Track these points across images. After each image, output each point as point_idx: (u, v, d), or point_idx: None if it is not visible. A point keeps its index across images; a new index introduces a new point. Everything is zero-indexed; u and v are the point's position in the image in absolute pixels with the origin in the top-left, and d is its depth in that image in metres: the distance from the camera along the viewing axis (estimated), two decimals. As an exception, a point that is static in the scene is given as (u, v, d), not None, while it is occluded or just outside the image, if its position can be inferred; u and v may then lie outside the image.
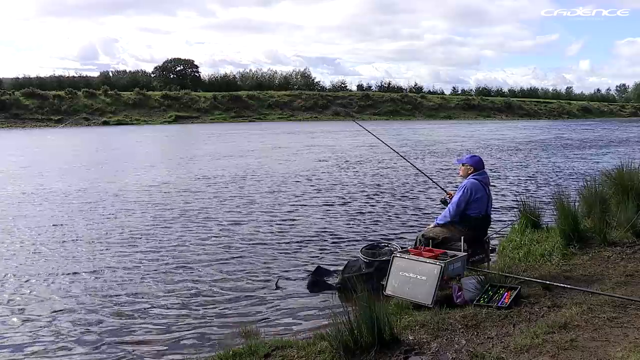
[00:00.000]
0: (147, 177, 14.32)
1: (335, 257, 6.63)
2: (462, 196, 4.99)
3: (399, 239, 7.10)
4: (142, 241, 7.53)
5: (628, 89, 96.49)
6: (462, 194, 4.99)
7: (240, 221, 8.76)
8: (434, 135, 32.75)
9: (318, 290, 5.43)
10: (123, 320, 4.79)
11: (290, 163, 17.55)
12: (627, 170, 7.21)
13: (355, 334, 3.38)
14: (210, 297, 5.33)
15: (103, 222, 8.79)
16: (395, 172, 14.94)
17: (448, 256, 4.63)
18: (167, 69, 73.05)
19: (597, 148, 23.41)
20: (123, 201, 10.70)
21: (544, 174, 14.35)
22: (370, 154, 20.58)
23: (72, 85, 58.91)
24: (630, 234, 5.85)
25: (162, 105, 58.16)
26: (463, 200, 4.98)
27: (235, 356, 3.66)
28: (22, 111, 50.99)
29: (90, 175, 14.83)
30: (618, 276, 4.73)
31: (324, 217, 9.03)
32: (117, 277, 5.96)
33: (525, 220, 6.79)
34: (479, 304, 4.16)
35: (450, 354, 3.33)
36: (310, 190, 11.94)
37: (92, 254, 6.90)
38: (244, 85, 73.07)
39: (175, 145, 28.43)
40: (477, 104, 73.37)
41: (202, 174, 14.85)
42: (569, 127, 45.28)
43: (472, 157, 5.25)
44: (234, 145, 25.14)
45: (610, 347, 3.24)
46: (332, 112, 63.79)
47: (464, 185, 5.05)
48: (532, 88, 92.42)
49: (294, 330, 4.47)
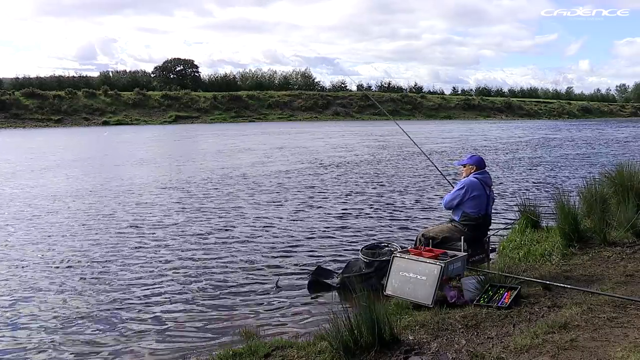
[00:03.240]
0: (142, 176, 14.32)
1: (335, 257, 6.63)
2: (457, 193, 5.06)
3: (399, 239, 7.10)
4: (142, 241, 7.53)
5: (628, 89, 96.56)
6: (458, 191, 5.06)
7: (240, 221, 8.76)
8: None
9: (318, 290, 5.43)
10: (122, 320, 4.78)
11: (289, 163, 17.55)
12: (627, 170, 7.21)
13: (355, 334, 3.38)
14: (210, 297, 5.33)
15: (100, 221, 8.79)
16: (395, 173, 14.94)
17: (448, 256, 4.62)
18: (167, 69, 73.08)
19: (597, 148, 23.41)
20: (123, 201, 10.70)
21: (544, 174, 14.35)
22: (371, 154, 20.58)
23: (72, 85, 58.94)
24: (630, 234, 5.85)
25: (162, 105, 58.19)
26: (458, 197, 5.04)
27: (235, 356, 3.65)
28: (22, 111, 51.03)
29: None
30: (618, 276, 4.73)
31: (324, 217, 9.03)
32: (117, 277, 5.96)
33: (525, 220, 6.79)
34: (479, 304, 4.16)
35: (450, 354, 3.33)
36: (310, 190, 11.94)
37: (87, 256, 6.90)
38: (244, 85, 73.14)
39: (174, 145, 28.43)
40: (477, 104, 73.42)
41: (201, 173, 14.85)
42: (569, 127, 45.27)
43: (472, 157, 5.26)
44: (234, 145, 25.13)
45: (610, 347, 3.24)
46: (332, 112, 63.81)
47: (462, 183, 5.10)
48: (532, 88, 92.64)
49: (294, 330, 4.46)
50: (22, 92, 53.50)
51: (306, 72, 79.15)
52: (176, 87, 62.69)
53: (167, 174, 14.97)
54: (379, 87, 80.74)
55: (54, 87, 58.66)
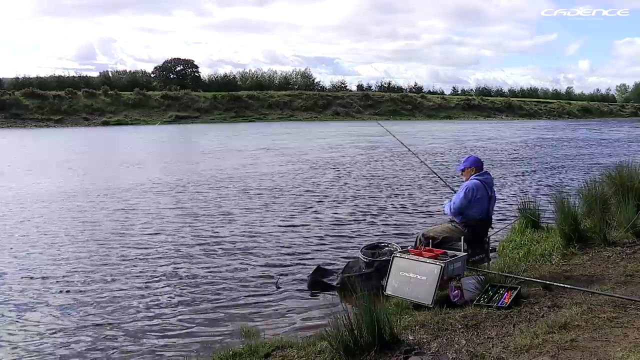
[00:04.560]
0: (140, 176, 14.32)
1: (335, 257, 6.63)
2: (463, 197, 5.00)
3: (399, 239, 7.09)
4: (141, 241, 7.53)
5: (628, 89, 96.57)
6: (464, 195, 5.01)
7: (239, 221, 8.75)
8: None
9: (318, 290, 5.43)
10: (121, 321, 4.78)
11: (289, 163, 17.54)
12: (627, 170, 7.21)
13: (355, 334, 3.38)
14: (211, 297, 5.33)
15: (98, 221, 8.80)
16: (395, 172, 14.93)
17: (448, 256, 4.63)
18: (167, 69, 73.05)
19: (597, 148, 23.40)
20: (122, 200, 10.70)
21: (544, 174, 14.35)
22: (370, 154, 20.58)
23: (72, 85, 58.86)
24: (630, 234, 5.85)
25: (162, 105, 58.14)
26: (464, 201, 5.00)
27: (235, 356, 3.66)
28: (22, 111, 50.98)
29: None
30: (618, 276, 4.73)
31: (324, 216, 9.02)
32: (116, 278, 5.95)
33: (525, 220, 6.79)
34: (479, 304, 4.16)
35: (450, 354, 3.33)
36: (310, 190, 11.94)
37: (88, 252, 6.90)
38: (244, 85, 73.08)
39: (170, 144, 28.43)
40: (477, 104, 73.39)
41: (201, 172, 14.85)
42: (569, 127, 45.26)
43: (468, 159, 5.26)
44: (235, 145, 25.13)
45: (610, 347, 3.24)
46: (332, 112, 63.79)
47: (466, 186, 5.06)
48: (532, 88, 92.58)
49: (294, 330, 4.46)
50: (22, 92, 53.44)
51: (306, 72, 79.26)
52: (176, 87, 62.61)
53: (166, 174, 14.98)
54: (379, 87, 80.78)
55: (54, 87, 58.59)
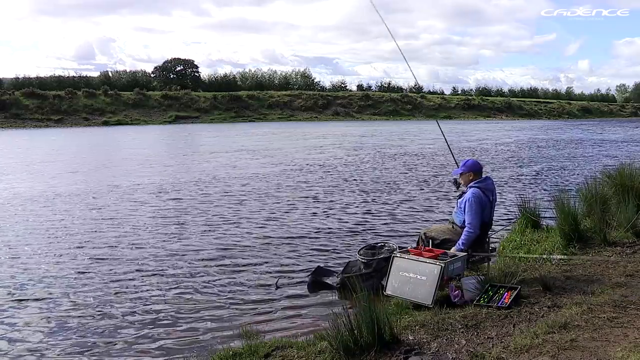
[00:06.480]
0: (140, 176, 14.32)
1: (335, 257, 6.62)
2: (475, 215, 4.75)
3: (399, 239, 7.10)
4: (141, 240, 7.53)
5: (628, 89, 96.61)
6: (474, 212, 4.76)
7: (239, 221, 8.75)
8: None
9: (318, 290, 5.42)
10: (121, 321, 4.78)
11: (289, 163, 17.55)
12: (627, 170, 7.21)
13: (355, 334, 3.37)
14: (211, 297, 5.32)
15: (99, 219, 8.80)
16: (395, 172, 14.93)
17: (448, 256, 4.62)
18: (166, 68, 73.07)
19: (597, 147, 23.40)
20: (122, 200, 10.70)
21: (544, 174, 14.35)
22: (370, 154, 20.57)
23: (71, 85, 58.88)
24: (630, 234, 5.84)
25: (162, 105, 58.17)
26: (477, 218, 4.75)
27: (235, 356, 3.65)
28: (22, 111, 51.00)
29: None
30: (618, 276, 4.73)
31: (325, 216, 9.02)
32: (115, 278, 5.95)
33: (525, 220, 6.78)
34: (479, 304, 4.15)
35: (450, 354, 3.33)
36: (310, 190, 11.94)
37: (85, 251, 6.90)
38: (243, 85, 73.12)
39: (169, 144, 28.43)
40: (477, 104, 73.43)
41: (201, 172, 14.85)
42: (569, 127, 45.26)
43: (465, 163, 5.04)
44: (235, 145, 25.13)
45: (610, 347, 3.24)
46: (332, 112, 63.81)
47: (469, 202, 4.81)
48: (532, 88, 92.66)
49: (294, 330, 4.46)
50: (21, 92, 53.45)
51: (306, 72, 79.33)
52: (176, 87, 62.63)
53: (167, 174, 14.98)
54: (379, 87, 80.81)
55: (53, 87, 58.61)
